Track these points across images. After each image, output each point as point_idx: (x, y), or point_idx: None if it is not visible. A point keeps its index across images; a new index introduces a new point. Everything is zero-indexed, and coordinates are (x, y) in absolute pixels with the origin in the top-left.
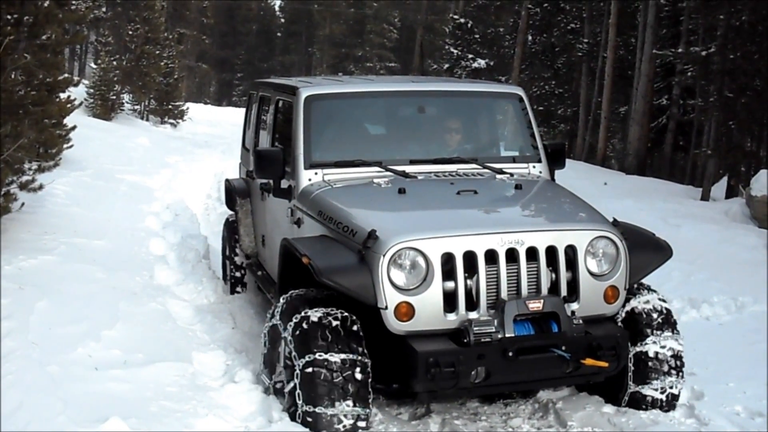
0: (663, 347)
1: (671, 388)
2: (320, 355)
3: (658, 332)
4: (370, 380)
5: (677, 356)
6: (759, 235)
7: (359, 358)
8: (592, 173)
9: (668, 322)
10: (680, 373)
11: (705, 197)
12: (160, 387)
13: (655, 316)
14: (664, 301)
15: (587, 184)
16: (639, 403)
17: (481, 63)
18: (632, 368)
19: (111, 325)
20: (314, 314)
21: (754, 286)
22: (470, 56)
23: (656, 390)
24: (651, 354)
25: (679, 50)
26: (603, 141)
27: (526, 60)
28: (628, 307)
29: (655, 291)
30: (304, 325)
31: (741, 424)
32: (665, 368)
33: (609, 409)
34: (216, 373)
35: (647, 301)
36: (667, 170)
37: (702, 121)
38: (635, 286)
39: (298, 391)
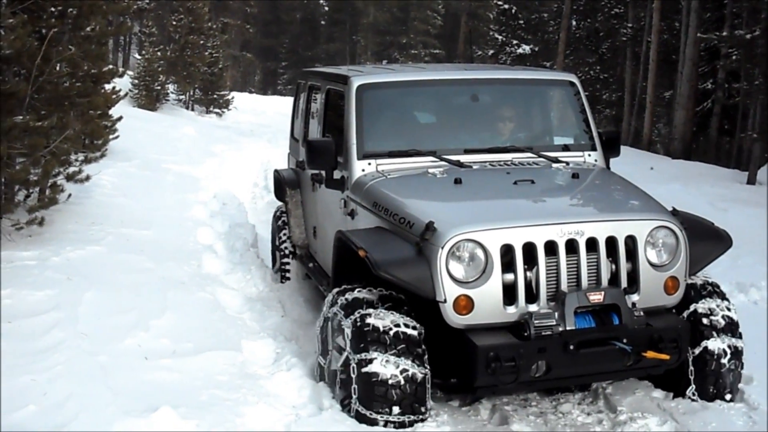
0: (724, 347)
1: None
2: (380, 361)
3: (722, 335)
4: (428, 390)
5: (738, 354)
6: None
7: (420, 369)
8: (637, 158)
9: (732, 326)
10: (738, 378)
11: (751, 181)
12: (209, 376)
13: (718, 319)
14: (728, 307)
15: (633, 169)
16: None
17: (526, 49)
18: (692, 368)
19: (160, 315)
20: (378, 320)
21: None
22: (515, 42)
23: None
24: (714, 352)
25: (724, 33)
26: (648, 126)
27: (570, 45)
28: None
29: (724, 297)
30: (366, 328)
31: None
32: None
33: (659, 394)
34: (266, 361)
35: (711, 306)
36: (713, 154)
37: (747, 105)
38: (699, 286)
39: (354, 386)
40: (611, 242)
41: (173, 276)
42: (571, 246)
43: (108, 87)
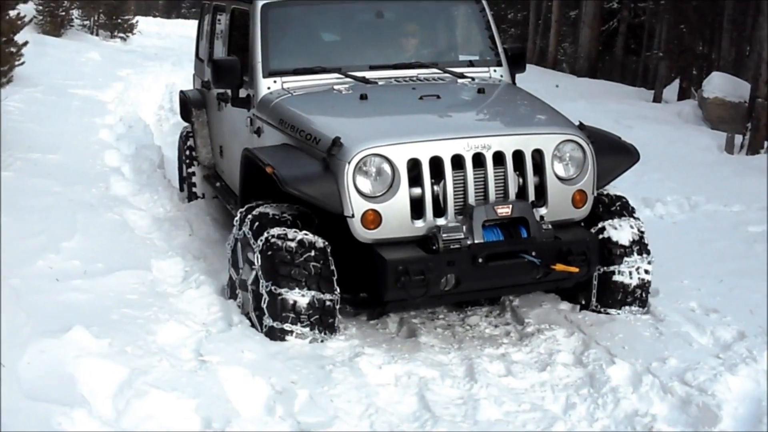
0: (623, 229)
1: (638, 272)
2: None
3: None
4: (337, 309)
5: (644, 287)
6: (711, 137)
7: (329, 296)
8: (543, 76)
9: (626, 210)
10: (644, 304)
11: (657, 99)
12: (120, 295)
13: (612, 202)
14: (640, 229)
15: (539, 87)
16: (610, 294)
17: None
18: (596, 285)
19: (69, 237)
20: (285, 238)
21: (707, 185)
22: None
23: (624, 274)
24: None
25: None
26: (554, 44)
27: None
28: (604, 234)
29: (632, 213)
30: (274, 249)
31: (695, 320)
32: (629, 299)
33: (565, 306)
34: (175, 279)
35: (621, 225)
36: (619, 73)
37: (653, 24)
38: (609, 200)
39: (263, 306)
40: (518, 156)
41: (82, 199)
42: (478, 160)
43: (12, 13)
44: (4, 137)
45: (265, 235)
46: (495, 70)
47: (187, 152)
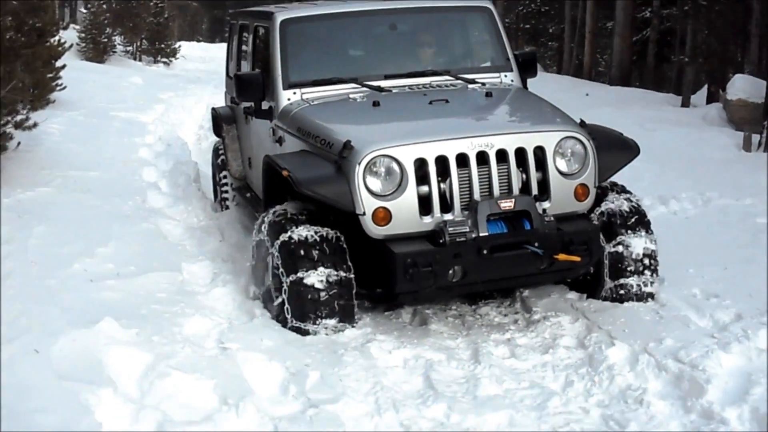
0: (636, 246)
1: (645, 285)
2: (307, 274)
3: (632, 232)
4: (354, 296)
5: (651, 255)
6: (730, 136)
7: (344, 274)
8: (576, 86)
9: (641, 222)
10: (654, 272)
11: (685, 104)
12: (150, 294)
13: (627, 215)
14: (637, 202)
15: (570, 96)
16: (616, 299)
17: None
18: (608, 264)
19: (105, 244)
20: (300, 233)
21: (722, 182)
22: None
23: (632, 286)
24: (625, 253)
25: None
26: (589, 55)
27: None
28: (602, 208)
29: (629, 192)
30: (291, 245)
31: (696, 305)
32: (640, 267)
33: (572, 295)
34: (204, 280)
35: (621, 202)
36: (652, 81)
37: (684, 31)
38: (609, 186)
39: (286, 306)
40: (521, 153)
41: (118, 210)
42: (482, 158)
43: (53, 40)
44: (45, 157)
45: (282, 235)
46: (506, 75)
47: (220, 164)
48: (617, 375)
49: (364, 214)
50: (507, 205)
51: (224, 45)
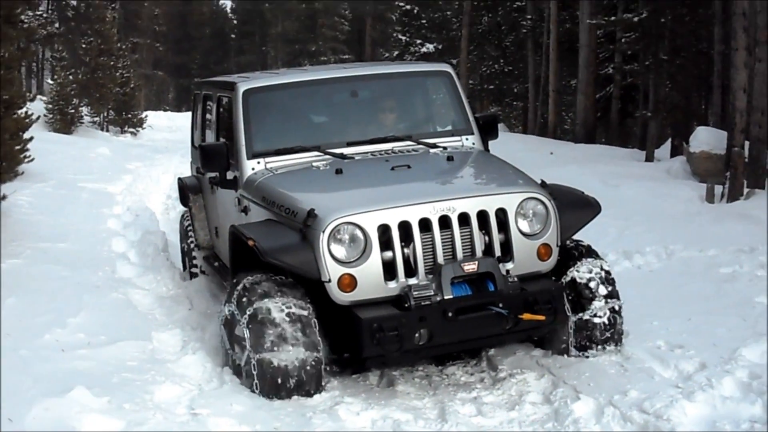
0: (603, 314)
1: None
2: (275, 353)
3: (600, 301)
4: (323, 371)
5: (614, 322)
6: (694, 188)
7: (315, 355)
8: (540, 145)
9: (610, 291)
10: (619, 340)
11: (649, 158)
12: (121, 362)
13: (595, 285)
14: (608, 271)
15: (535, 155)
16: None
17: (430, 47)
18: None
19: (75, 314)
20: (269, 307)
21: (685, 234)
22: (419, 42)
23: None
24: (592, 322)
25: (612, 18)
26: (553, 114)
27: (473, 41)
28: (570, 276)
29: (599, 258)
30: (260, 322)
31: (660, 356)
32: (605, 335)
33: (537, 352)
34: (173, 348)
35: (589, 270)
36: (617, 137)
37: (646, 86)
38: (578, 252)
39: (255, 381)
40: (483, 216)
41: (88, 281)
42: (445, 222)
43: (20, 111)
44: (14, 229)
45: (251, 308)
46: (467, 139)
47: (187, 233)
48: (583, 428)
49: (329, 281)
50: (470, 267)
51: (190, 114)
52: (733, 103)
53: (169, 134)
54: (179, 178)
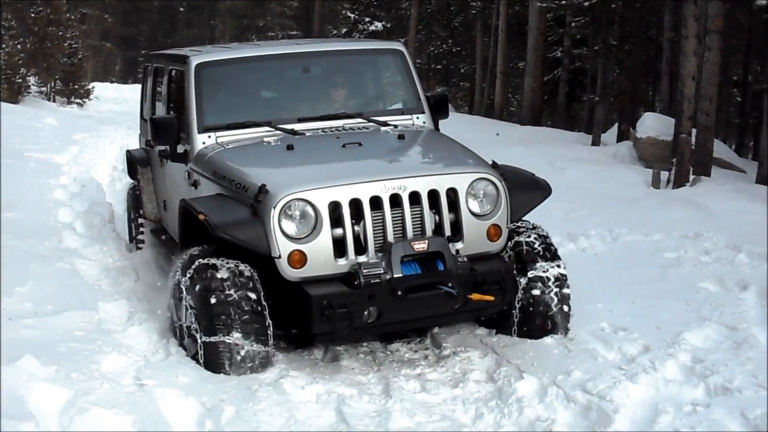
0: (546, 272)
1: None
2: (223, 334)
3: (542, 262)
4: (268, 321)
5: (561, 279)
6: (640, 173)
7: (262, 337)
8: (486, 126)
9: (549, 251)
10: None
11: (596, 142)
12: (68, 332)
13: (537, 247)
14: (546, 236)
15: (481, 136)
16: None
17: (378, 26)
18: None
19: (22, 283)
20: (218, 286)
21: (631, 218)
22: (367, 20)
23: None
24: (536, 281)
25: (562, 2)
26: (500, 96)
27: (422, 21)
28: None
29: (536, 227)
30: (208, 298)
31: (604, 338)
32: (552, 295)
33: (482, 331)
34: (120, 319)
35: (529, 236)
36: (564, 120)
37: (595, 70)
38: (520, 228)
39: (201, 358)
40: (433, 195)
41: (35, 250)
42: (396, 200)
43: None
44: None
45: (200, 285)
46: (418, 117)
47: (134, 206)
48: (526, 407)
49: (279, 257)
50: (420, 246)
51: (137, 86)
52: (681, 90)
53: (115, 106)
54: (127, 151)
